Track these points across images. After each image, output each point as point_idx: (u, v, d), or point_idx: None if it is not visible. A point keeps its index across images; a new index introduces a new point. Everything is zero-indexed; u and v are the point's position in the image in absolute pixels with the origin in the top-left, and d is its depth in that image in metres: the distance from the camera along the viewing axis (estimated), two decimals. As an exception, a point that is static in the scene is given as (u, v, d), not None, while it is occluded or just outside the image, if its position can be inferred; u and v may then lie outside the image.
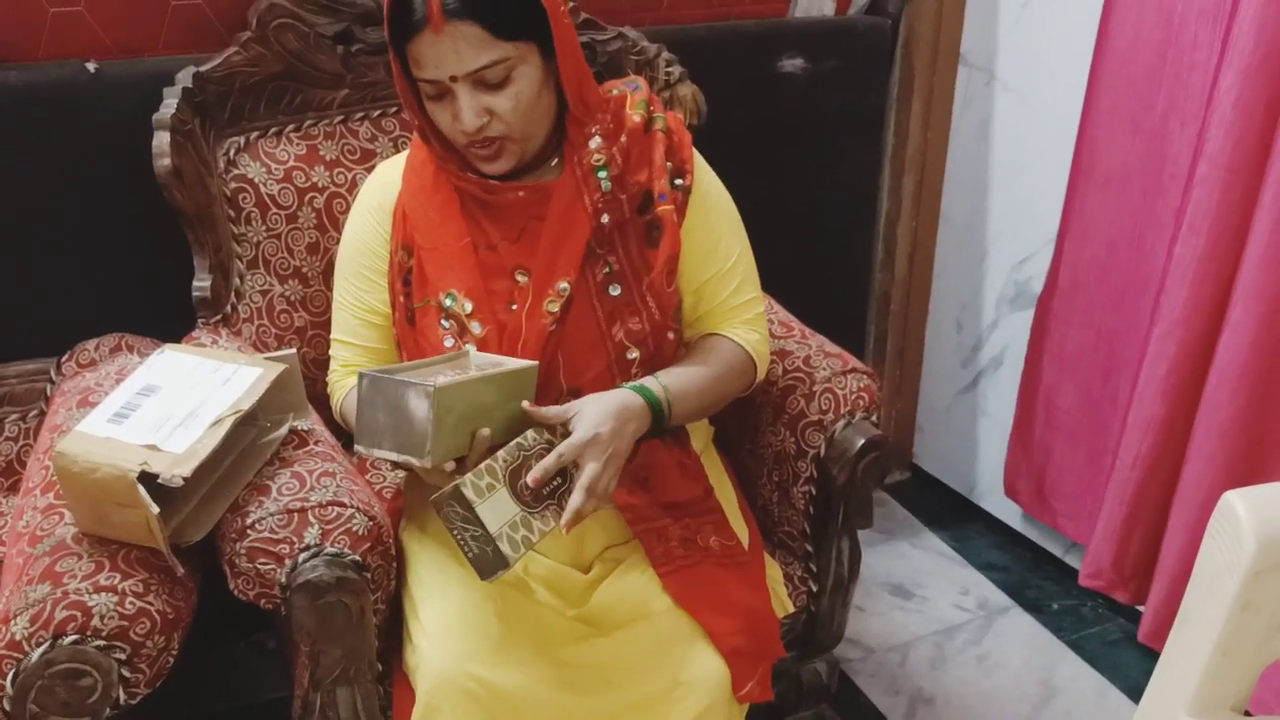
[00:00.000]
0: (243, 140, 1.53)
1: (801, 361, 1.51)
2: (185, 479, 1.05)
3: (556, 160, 1.30)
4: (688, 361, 1.33)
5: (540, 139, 1.27)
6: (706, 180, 1.35)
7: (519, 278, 1.28)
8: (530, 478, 1.13)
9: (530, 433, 1.18)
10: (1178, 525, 1.74)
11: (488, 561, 1.10)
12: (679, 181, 1.31)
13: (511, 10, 1.17)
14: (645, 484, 1.30)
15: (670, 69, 1.74)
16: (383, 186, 1.36)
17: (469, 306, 1.27)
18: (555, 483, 1.17)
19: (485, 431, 1.14)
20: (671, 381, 1.27)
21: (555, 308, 1.25)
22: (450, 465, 1.14)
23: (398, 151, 1.59)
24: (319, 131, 1.58)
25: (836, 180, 2.13)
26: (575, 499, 1.14)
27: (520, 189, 1.27)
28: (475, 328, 1.26)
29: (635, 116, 1.30)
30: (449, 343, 1.27)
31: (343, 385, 1.36)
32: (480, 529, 1.09)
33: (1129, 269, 1.79)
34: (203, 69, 1.48)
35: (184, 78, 1.46)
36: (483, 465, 1.12)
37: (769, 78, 1.97)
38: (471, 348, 1.25)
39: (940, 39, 2.04)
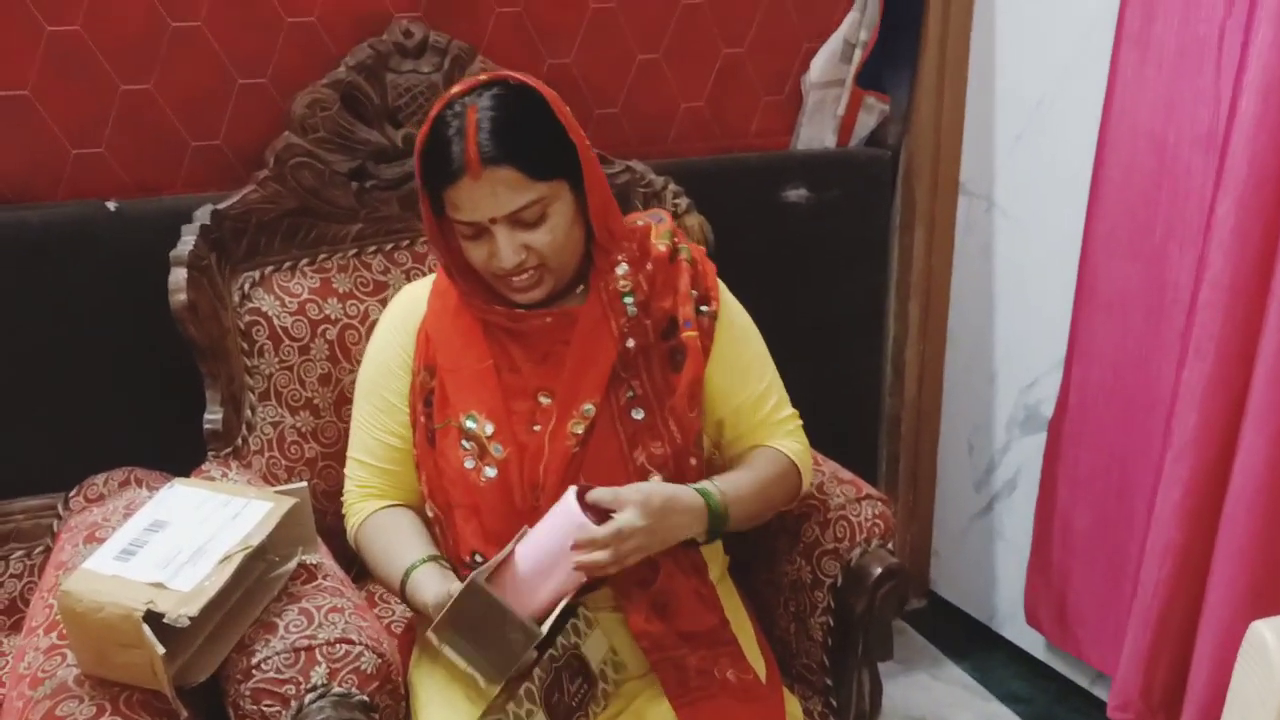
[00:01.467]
0: (258, 274, 1.56)
1: (815, 489, 1.50)
2: (191, 618, 1.03)
3: (582, 287, 1.32)
4: (736, 470, 1.33)
5: (572, 268, 1.29)
6: (732, 307, 1.38)
7: (542, 399, 1.28)
8: (576, 559, 1.15)
9: (560, 640, 1.21)
10: (1204, 652, 1.70)
11: None
12: (705, 308, 1.33)
13: (544, 152, 1.21)
14: (663, 612, 1.28)
15: (678, 200, 1.78)
16: (408, 308, 1.37)
17: (490, 428, 1.26)
18: (582, 690, 1.21)
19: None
20: (726, 485, 1.28)
21: (580, 429, 1.25)
22: None
23: (410, 283, 1.61)
24: (333, 265, 1.61)
25: (843, 305, 2.15)
26: (602, 531, 1.15)
27: (548, 315, 1.29)
28: (496, 449, 1.26)
29: (660, 245, 1.33)
30: (469, 464, 1.26)
31: (359, 510, 1.36)
32: None
33: (1137, 392, 1.79)
34: (220, 206, 1.51)
35: (202, 215, 1.49)
36: (522, 691, 1.16)
37: (774, 207, 2.01)
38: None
39: (939, 168, 2.09)
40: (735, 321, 1.37)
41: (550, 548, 1.17)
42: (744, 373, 1.36)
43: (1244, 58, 1.46)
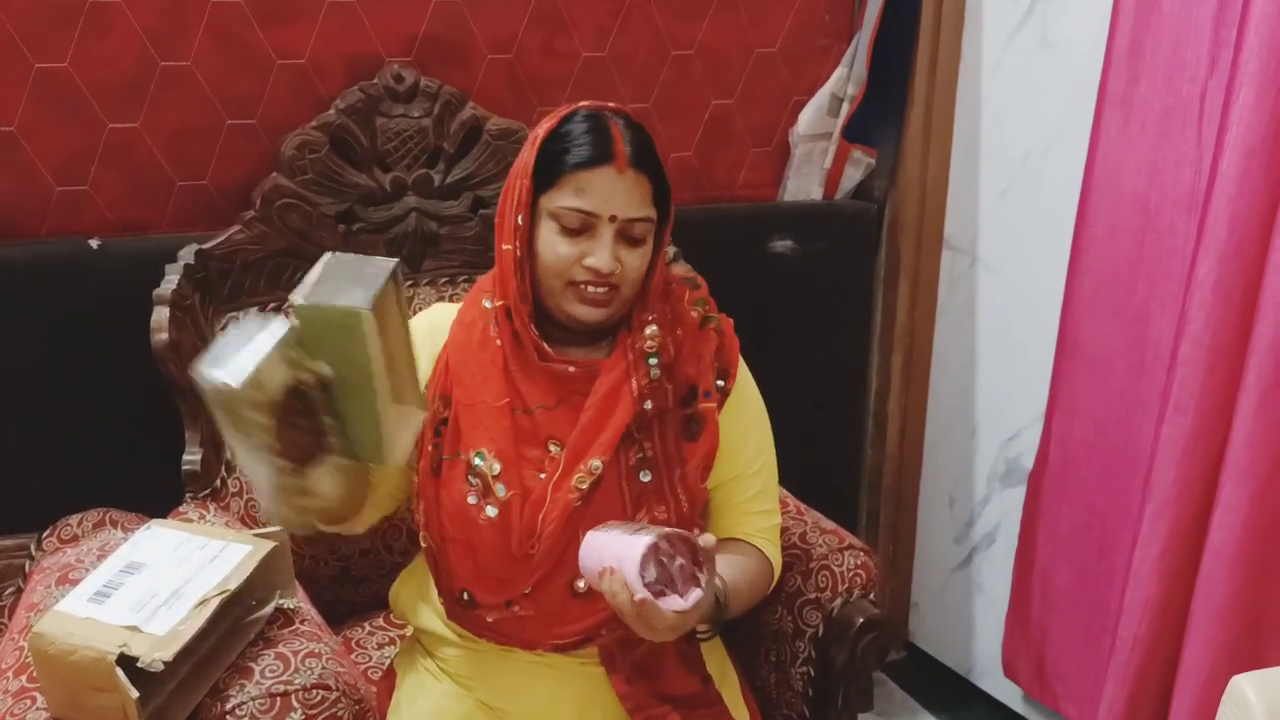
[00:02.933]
0: (241, 315, 1.55)
1: (797, 539, 1.49)
2: (166, 663, 1.01)
3: (608, 341, 1.30)
4: (733, 562, 1.30)
5: (630, 309, 1.28)
6: (745, 385, 1.36)
7: (551, 447, 1.26)
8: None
9: None
10: (1181, 707, 1.69)
11: None
12: (720, 383, 1.32)
13: (664, 180, 1.24)
14: (646, 673, 1.26)
15: (665, 249, 1.78)
16: (434, 328, 1.33)
17: (497, 468, 1.24)
18: None
19: None
20: (729, 575, 1.24)
21: (585, 485, 1.23)
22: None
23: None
24: (318, 307, 1.60)
25: (828, 357, 2.16)
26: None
27: (572, 364, 1.26)
28: (500, 490, 1.23)
29: (694, 313, 1.32)
30: (472, 500, 1.24)
31: None
32: None
33: (1118, 448, 1.80)
34: (205, 246, 1.51)
35: (186, 254, 1.49)
36: None
37: (761, 258, 2.02)
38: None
39: (924, 223, 2.11)
40: (744, 402, 1.35)
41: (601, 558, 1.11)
42: (739, 449, 1.33)
43: (1225, 119, 1.48)
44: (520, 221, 1.22)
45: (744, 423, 1.34)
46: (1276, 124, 1.41)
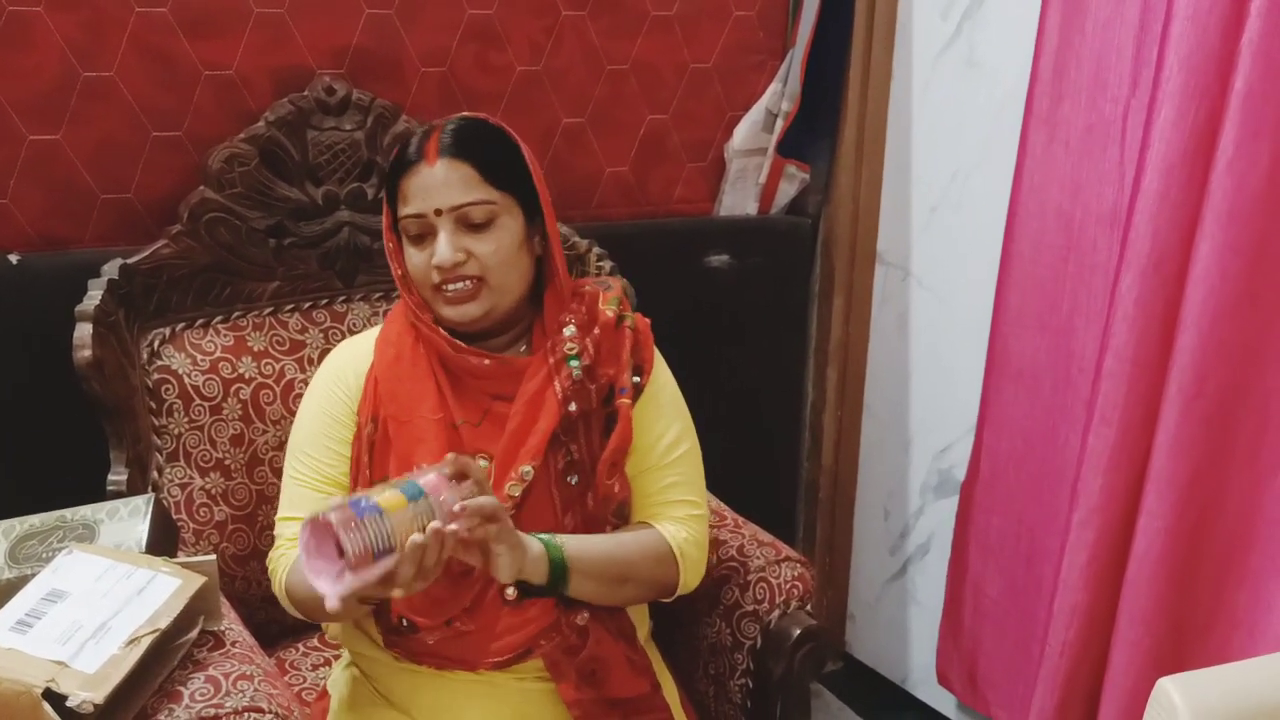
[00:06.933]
0: (168, 331, 1.52)
1: (735, 551, 1.50)
2: (97, 705, 0.98)
3: (525, 346, 1.31)
4: (607, 535, 1.29)
5: (513, 298, 1.27)
6: (661, 379, 1.36)
7: (481, 462, 1.25)
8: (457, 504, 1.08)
9: None
10: (1109, 711, 1.73)
11: None
12: (636, 379, 1.32)
13: (501, 162, 1.24)
14: (593, 678, 1.26)
15: (601, 263, 1.79)
16: (351, 358, 1.33)
17: None
18: None
19: None
20: (571, 539, 1.23)
21: (517, 492, 1.23)
22: None
23: (329, 343, 1.59)
24: (248, 323, 1.57)
25: (764, 371, 2.18)
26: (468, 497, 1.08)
27: (486, 358, 1.27)
28: None
29: (609, 311, 1.32)
30: None
31: (288, 557, 1.29)
32: None
33: (1045, 459, 1.83)
34: (130, 261, 1.47)
35: (110, 269, 1.45)
36: None
37: (697, 272, 2.03)
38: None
39: (858, 237, 2.14)
40: (659, 395, 1.35)
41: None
42: (652, 444, 1.32)
43: (1147, 136, 1.52)
44: (391, 244, 1.29)
45: (659, 415, 1.33)
46: (1196, 140, 1.45)
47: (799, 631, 1.40)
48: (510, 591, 1.22)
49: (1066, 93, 1.69)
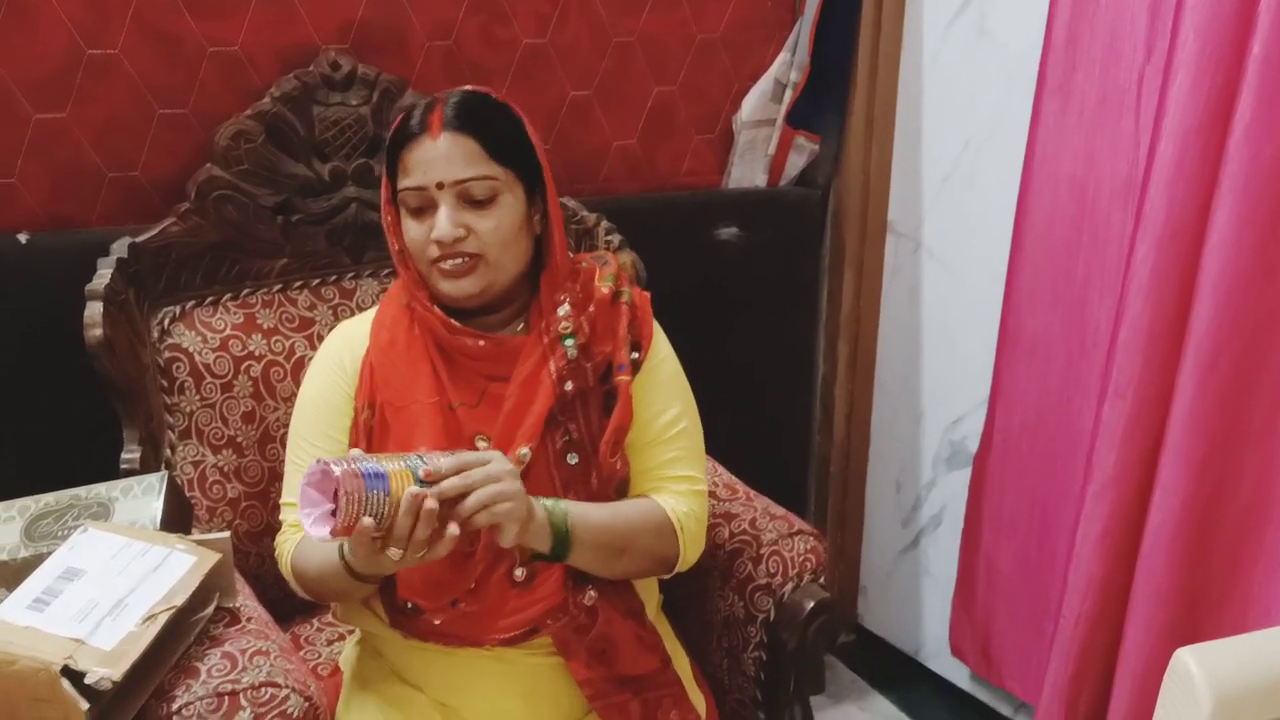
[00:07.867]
0: (178, 310, 1.52)
1: (748, 524, 1.50)
2: (115, 682, 0.99)
3: (522, 325, 1.30)
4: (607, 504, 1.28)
5: (510, 275, 1.26)
6: (661, 354, 1.35)
7: (479, 443, 1.25)
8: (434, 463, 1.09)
9: None
10: (1124, 683, 1.73)
11: None
12: (634, 355, 1.31)
13: (505, 139, 1.23)
14: (603, 657, 1.26)
15: (610, 237, 1.78)
16: (347, 343, 1.33)
17: None
18: None
19: None
20: (574, 505, 1.23)
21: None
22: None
23: (337, 320, 1.58)
24: (257, 300, 1.57)
25: (774, 344, 2.17)
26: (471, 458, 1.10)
27: (481, 338, 1.26)
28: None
29: (604, 288, 1.31)
30: None
31: (292, 540, 1.29)
32: None
33: (1058, 431, 1.83)
34: (139, 239, 1.47)
35: (119, 248, 1.45)
36: None
37: (706, 245, 2.02)
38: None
39: (868, 209, 2.12)
40: (659, 370, 1.33)
41: None
42: (649, 422, 1.31)
43: (1162, 104, 1.50)
44: (390, 218, 1.27)
45: (658, 390, 1.32)
46: (1212, 108, 1.43)
47: (812, 604, 1.40)
48: (519, 572, 1.22)
49: (1080, 62, 1.67)
